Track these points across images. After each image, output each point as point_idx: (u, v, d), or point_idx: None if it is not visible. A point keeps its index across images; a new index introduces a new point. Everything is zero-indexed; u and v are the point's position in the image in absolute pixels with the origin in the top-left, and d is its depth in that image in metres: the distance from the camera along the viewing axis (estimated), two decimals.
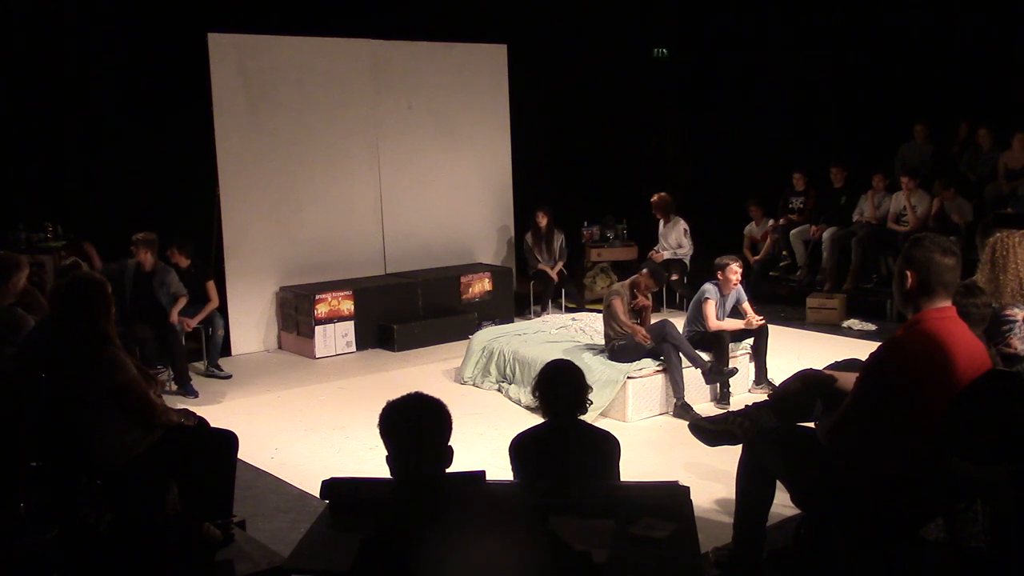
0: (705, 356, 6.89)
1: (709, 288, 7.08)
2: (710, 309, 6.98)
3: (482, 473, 3.30)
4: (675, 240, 10.04)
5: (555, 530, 3.03)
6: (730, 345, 7.05)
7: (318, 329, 8.69)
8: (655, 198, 10.13)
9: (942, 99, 10.45)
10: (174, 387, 7.37)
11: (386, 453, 2.61)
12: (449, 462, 2.62)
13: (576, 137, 11.65)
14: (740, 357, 7.15)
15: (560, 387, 3.95)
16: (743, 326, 7.09)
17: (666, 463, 5.57)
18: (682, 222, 10.05)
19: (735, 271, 7.08)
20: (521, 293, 10.40)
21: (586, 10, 10.95)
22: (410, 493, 2.57)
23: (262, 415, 6.93)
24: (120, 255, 7.41)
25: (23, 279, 5.19)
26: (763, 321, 7.15)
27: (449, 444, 2.62)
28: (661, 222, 10.17)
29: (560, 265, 10.21)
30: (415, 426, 2.57)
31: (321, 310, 8.70)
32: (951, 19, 10.29)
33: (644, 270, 7.19)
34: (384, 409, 2.60)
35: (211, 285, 7.92)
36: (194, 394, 7.32)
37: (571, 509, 3.33)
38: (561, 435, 3.94)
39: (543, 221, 10.20)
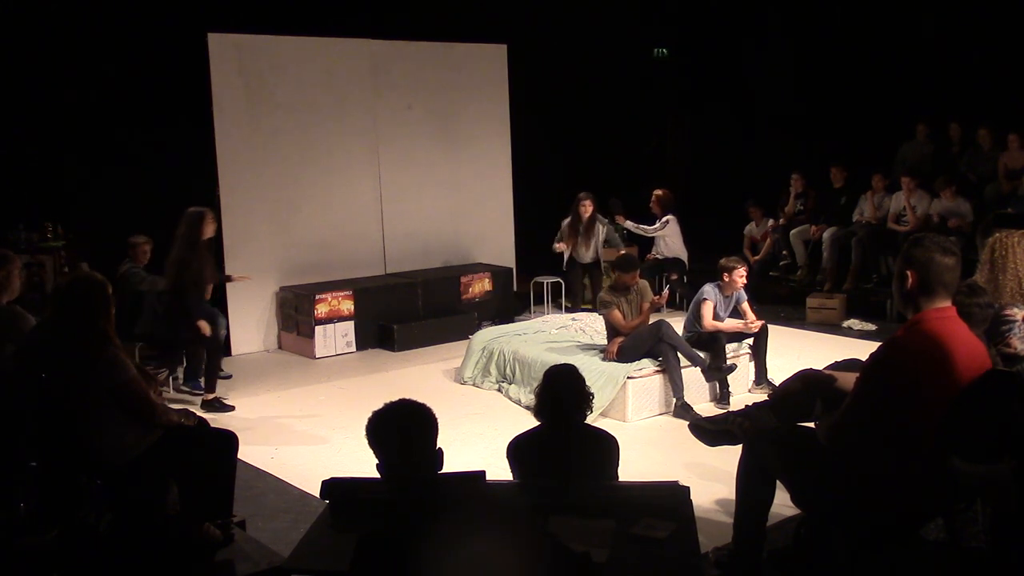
0: (703, 355, 6.89)
1: (708, 289, 7.11)
2: (707, 310, 7.00)
3: (482, 473, 3.30)
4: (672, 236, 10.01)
5: (555, 530, 3.03)
6: (732, 345, 7.07)
7: (318, 329, 8.69)
8: (660, 192, 10.10)
9: (943, 99, 10.45)
10: (181, 385, 7.43)
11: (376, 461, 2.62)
12: (440, 464, 2.62)
13: (576, 137, 11.64)
14: (740, 357, 7.15)
15: (564, 392, 3.96)
16: (741, 328, 7.10)
17: (666, 463, 5.57)
18: (672, 220, 10.00)
19: (742, 275, 7.10)
20: (521, 293, 10.40)
21: (586, 10, 10.95)
22: (404, 496, 2.57)
23: (262, 415, 6.93)
24: (119, 255, 7.40)
25: (15, 273, 5.18)
26: (761, 323, 7.15)
27: (438, 447, 2.63)
28: (657, 219, 10.14)
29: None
30: (401, 434, 2.59)
31: (321, 310, 8.70)
32: (951, 19, 10.28)
33: (615, 271, 7.20)
34: (370, 419, 2.61)
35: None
36: (202, 390, 7.36)
37: (571, 509, 3.34)
38: (559, 436, 3.95)
39: (587, 211, 9.58)
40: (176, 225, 8.09)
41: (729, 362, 6.94)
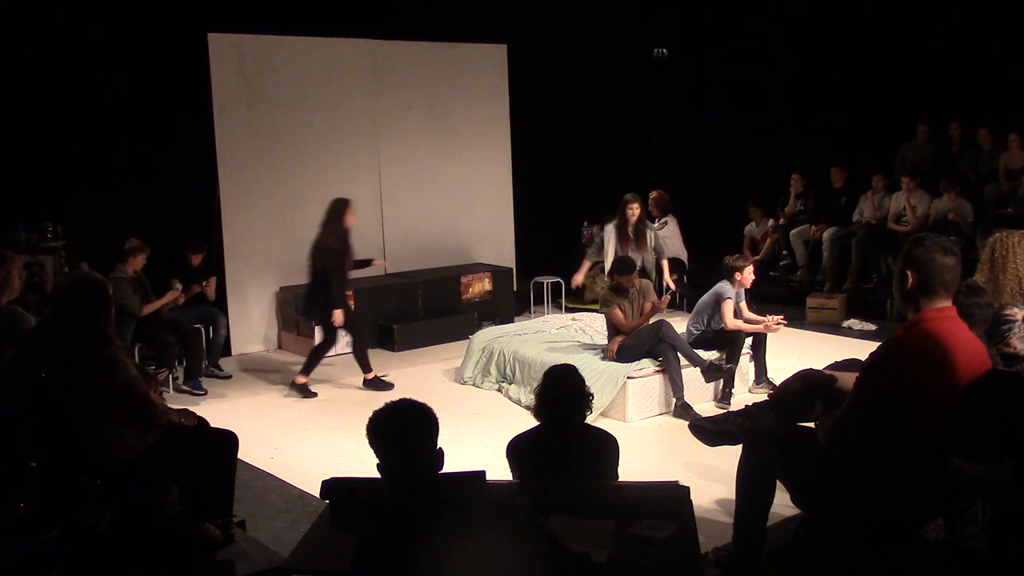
0: (710, 355, 6.89)
1: (727, 288, 7.02)
2: (729, 309, 6.96)
3: (482, 473, 3.30)
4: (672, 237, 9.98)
5: (555, 530, 3.03)
6: None
7: (318, 329, 8.66)
8: (656, 193, 10.09)
9: (943, 99, 10.45)
10: (182, 383, 7.46)
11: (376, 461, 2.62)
12: (440, 464, 2.62)
13: (576, 137, 11.64)
14: (740, 357, 7.14)
15: (564, 392, 3.96)
16: (761, 329, 7.08)
17: (666, 463, 5.57)
18: (670, 220, 9.96)
19: (750, 272, 7.12)
20: (521, 293, 10.39)
21: (586, 10, 10.94)
22: (404, 496, 2.57)
23: (262, 415, 6.93)
24: (119, 255, 7.39)
25: (15, 273, 5.18)
26: (784, 322, 7.15)
27: (439, 447, 2.63)
28: (656, 220, 10.13)
29: (667, 267, 8.60)
30: (402, 433, 2.58)
31: None
32: (951, 19, 10.28)
33: (614, 274, 7.22)
34: (370, 418, 2.61)
35: (212, 280, 8.01)
36: (202, 390, 7.41)
37: (571, 509, 3.34)
38: (559, 436, 3.95)
39: (635, 213, 8.31)
40: (177, 226, 8.13)
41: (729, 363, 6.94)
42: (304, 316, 8.07)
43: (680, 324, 7.39)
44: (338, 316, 7.26)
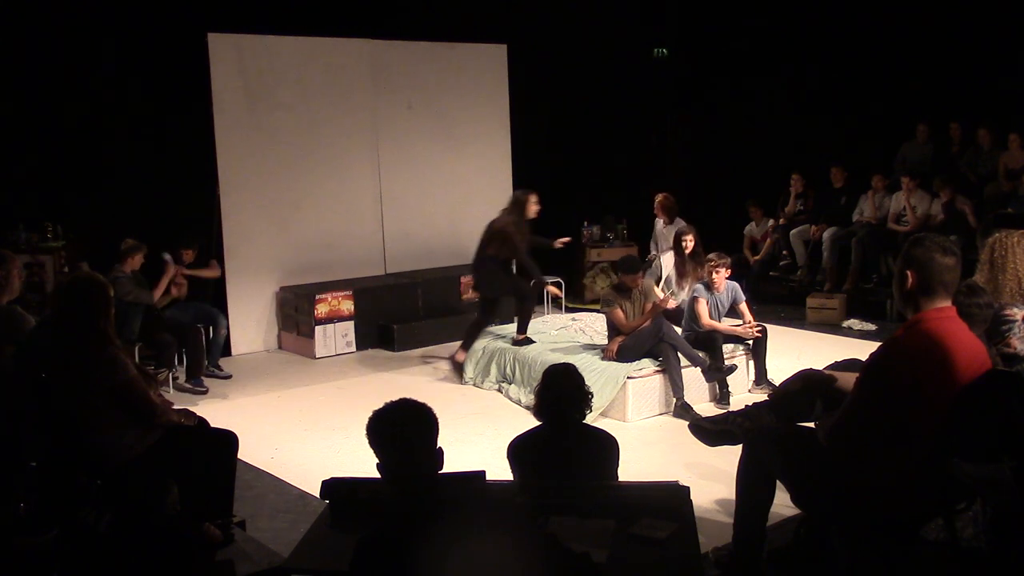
0: (703, 355, 6.90)
1: (699, 287, 7.17)
2: (701, 308, 7.02)
3: (482, 473, 3.30)
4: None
5: (555, 530, 3.03)
6: (730, 345, 7.07)
7: (318, 329, 8.69)
8: (661, 197, 10.02)
9: (943, 99, 10.45)
10: (183, 382, 7.47)
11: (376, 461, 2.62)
12: (440, 464, 2.62)
13: (576, 137, 11.63)
14: (739, 357, 7.15)
15: (563, 391, 3.96)
16: (739, 332, 7.08)
17: (666, 463, 5.56)
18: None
19: (710, 271, 7.12)
20: None
21: (586, 10, 10.93)
22: (404, 496, 2.57)
23: (262, 415, 6.93)
24: (119, 256, 7.39)
25: (15, 273, 5.18)
26: (759, 333, 7.10)
27: (439, 446, 2.63)
28: (661, 222, 10.10)
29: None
30: (401, 433, 2.58)
31: (321, 310, 8.70)
32: (952, 19, 10.27)
33: (618, 273, 7.25)
34: (370, 418, 2.61)
35: (213, 263, 8.13)
36: (204, 389, 7.42)
37: (571, 509, 3.34)
38: (559, 436, 3.95)
39: (689, 246, 7.98)
40: (177, 226, 8.13)
41: (728, 362, 6.94)
42: (479, 290, 8.19)
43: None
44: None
